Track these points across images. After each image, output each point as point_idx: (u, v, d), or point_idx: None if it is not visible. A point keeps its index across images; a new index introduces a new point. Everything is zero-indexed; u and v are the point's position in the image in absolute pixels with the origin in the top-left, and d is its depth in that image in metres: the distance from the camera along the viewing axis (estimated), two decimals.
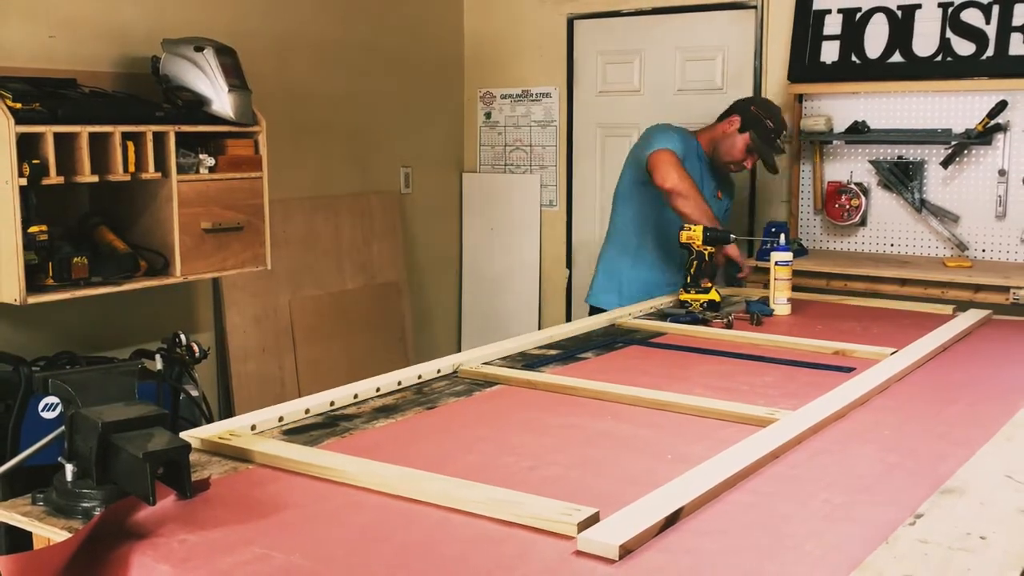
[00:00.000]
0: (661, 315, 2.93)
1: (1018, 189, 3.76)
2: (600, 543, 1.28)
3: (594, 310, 3.45)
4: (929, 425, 1.90)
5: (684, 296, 3.00)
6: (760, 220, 4.32)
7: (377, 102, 4.54)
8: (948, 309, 3.03)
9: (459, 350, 4.77)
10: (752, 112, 3.44)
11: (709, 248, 3.04)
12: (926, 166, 3.93)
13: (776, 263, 2.96)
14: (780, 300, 2.96)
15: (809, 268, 3.72)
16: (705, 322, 2.80)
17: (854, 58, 4.00)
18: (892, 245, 4.04)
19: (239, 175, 3.36)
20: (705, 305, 2.93)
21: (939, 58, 3.84)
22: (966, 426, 1.88)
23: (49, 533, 1.41)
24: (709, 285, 3.01)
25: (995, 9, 3.74)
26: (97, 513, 1.38)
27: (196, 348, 3.06)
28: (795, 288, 3.47)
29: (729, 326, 2.72)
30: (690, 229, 3.06)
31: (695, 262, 3.02)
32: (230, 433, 1.74)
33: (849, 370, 2.27)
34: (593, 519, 1.36)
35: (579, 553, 1.29)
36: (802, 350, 2.51)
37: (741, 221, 4.37)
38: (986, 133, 3.73)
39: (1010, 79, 3.70)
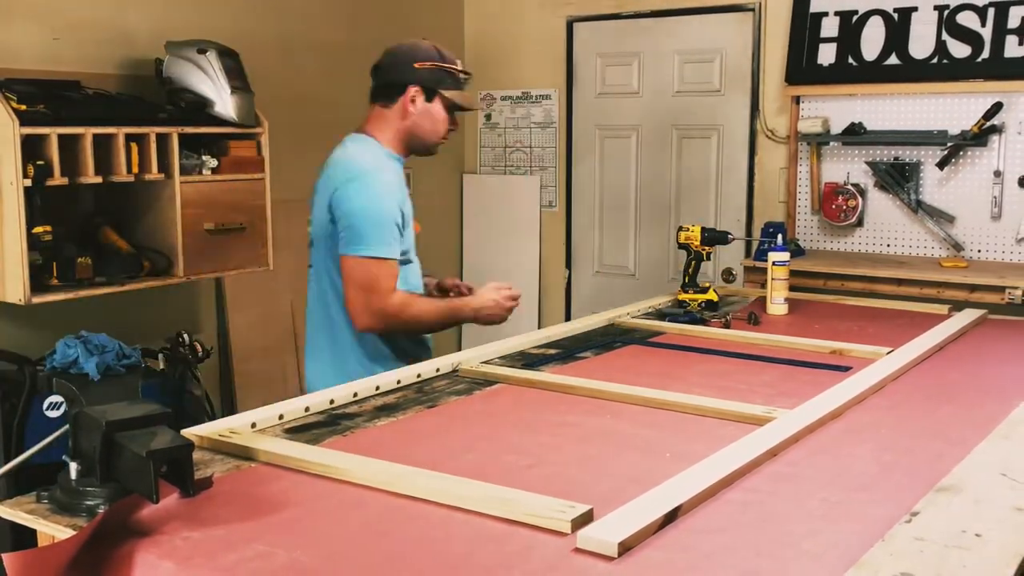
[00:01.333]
0: (660, 315, 2.94)
1: (1013, 190, 3.78)
2: (599, 540, 1.28)
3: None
4: (925, 424, 1.89)
5: (682, 296, 3.00)
6: (758, 221, 4.35)
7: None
8: (944, 309, 3.02)
9: (459, 349, 4.79)
10: (425, 69, 2.55)
11: (708, 248, 3.03)
12: (922, 167, 3.95)
13: (773, 263, 2.93)
14: (777, 300, 2.93)
15: (806, 268, 3.75)
16: (703, 322, 2.82)
17: (851, 60, 4.02)
18: (888, 245, 4.06)
19: (241, 176, 3.39)
20: (703, 305, 2.95)
21: (935, 60, 3.86)
22: (962, 425, 1.88)
23: (53, 531, 1.40)
24: (707, 285, 3.01)
25: (991, 12, 3.76)
26: (101, 511, 1.38)
27: (199, 347, 3.09)
28: (793, 288, 3.49)
29: (727, 326, 2.74)
30: (688, 229, 3.06)
31: (693, 262, 3.03)
32: (230, 431, 1.73)
33: (846, 369, 2.27)
34: (587, 516, 1.36)
35: (578, 550, 1.29)
36: (799, 349, 2.51)
37: (739, 222, 4.40)
38: (982, 134, 3.75)
39: (1005, 81, 3.72)
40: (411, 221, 2.58)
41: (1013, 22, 3.72)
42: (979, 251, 3.88)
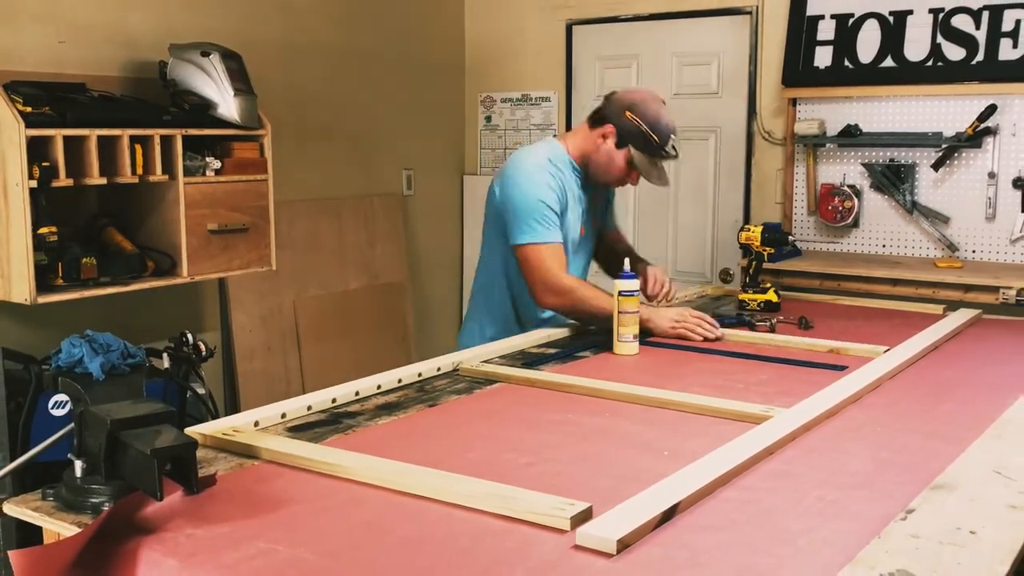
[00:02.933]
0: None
1: (1007, 191, 3.80)
2: (598, 538, 1.29)
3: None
4: (920, 422, 1.90)
5: (743, 296, 3.00)
6: (754, 222, 4.34)
7: (380, 106, 4.58)
8: (939, 309, 3.04)
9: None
10: (628, 121, 2.63)
11: (768, 248, 3.02)
12: (917, 169, 3.97)
13: (620, 293, 2.47)
14: (625, 337, 2.45)
15: (803, 268, 3.77)
16: (751, 326, 2.74)
17: (847, 63, 4.04)
18: (884, 246, 4.08)
19: (245, 177, 3.40)
20: (762, 305, 2.95)
21: (930, 63, 3.88)
22: (956, 423, 1.89)
23: (59, 528, 1.41)
24: (768, 285, 3.00)
25: (985, 15, 3.78)
26: (106, 508, 1.38)
27: (203, 347, 3.08)
28: (789, 288, 3.52)
29: (772, 330, 2.69)
30: (748, 229, 3.06)
31: (754, 263, 3.03)
32: (233, 429, 1.74)
33: (842, 368, 2.27)
34: (586, 514, 1.37)
35: (577, 548, 1.29)
36: (797, 349, 2.52)
37: (736, 222, 4.42)
38: (976, 136, 3.77)
39: (1000, 83, 3.74)
40: (574, 223, 2.75)
41: (1007, 25, 3.74)
42: (974, 251, 3.89)
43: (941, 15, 3.87)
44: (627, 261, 2.62)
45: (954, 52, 3.84)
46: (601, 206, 2.93)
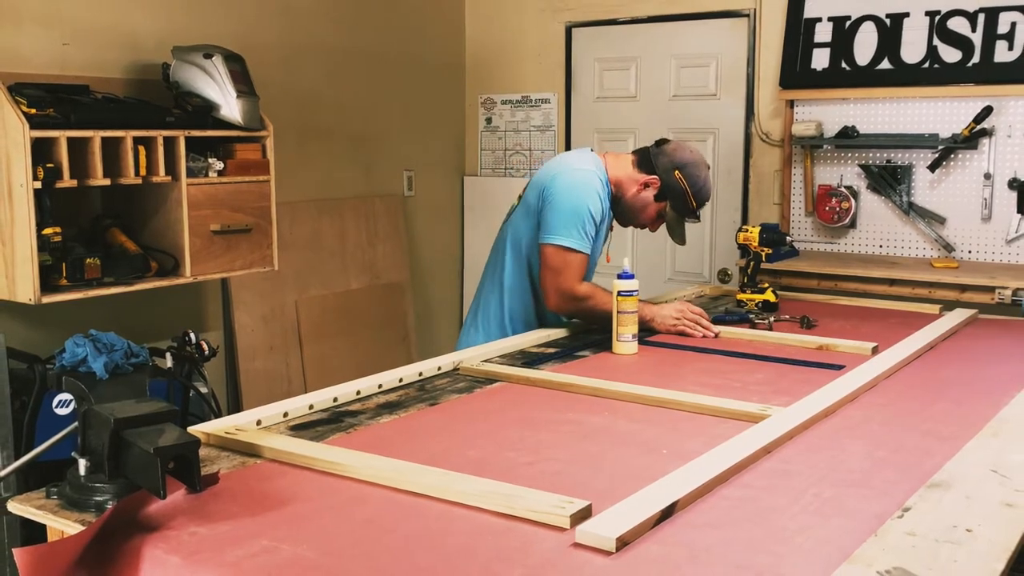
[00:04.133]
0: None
1: (1003, 192, 3.81)
2: (597, 535, 1.30)
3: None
4: (917, 421, 1.92)
5: (741, 296, 3.02)
6: (752, 222, 4.35)
7: (381, 108, 4.59)
8: (935, 308, 3.05)
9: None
10: (676, 180, 2.69)
11: (766, 249, 3.04)
12: (914, 170, 3.98)
13: (619, 294, 2.50)
14: (624, 337, 2.49)
15: (800, 268, 3.78)
16: (752, 323, 2.80)
17: (844, 65, 4.05)
18: (881, 246, 4.09)
19: (247, 178, 3.40)
20: (760, 305, 2.97)
21: (926, 65, 3.89)
22: (952, 422, 1.90)
23: (63, 526, 1.42)
24: (766, 285, 3.02)
25: (981, 17, 3.79)
26: (109, 506, 1.39)
27: (205, 346, 3.10)
28: (787, 288, 3.54)
29: (770, 328, 2.74)
30: (746, 230, 3.08)
31: (752, 263, 3.04)
32: (236, 428, 1.75)
33: (839, 368, 2.29)
34: (586, 512, 1.38)
35: (577, 545, 1.30)
36: (788, 345, 2.55)
37: (735, 223, 4.44)
38: (972, 138, 3.78)
39: (995, 85, 3.75)
40: (600, 245, 2.77)
41: (1003, 28, 3.75)
42: (970, 252, 3.91)
43: (937, 18, 3.88)
44: (626, 260, 2.65)
45: (950, 54, 3.86)
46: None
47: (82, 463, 1.47)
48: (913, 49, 3.92)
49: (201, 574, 1.26)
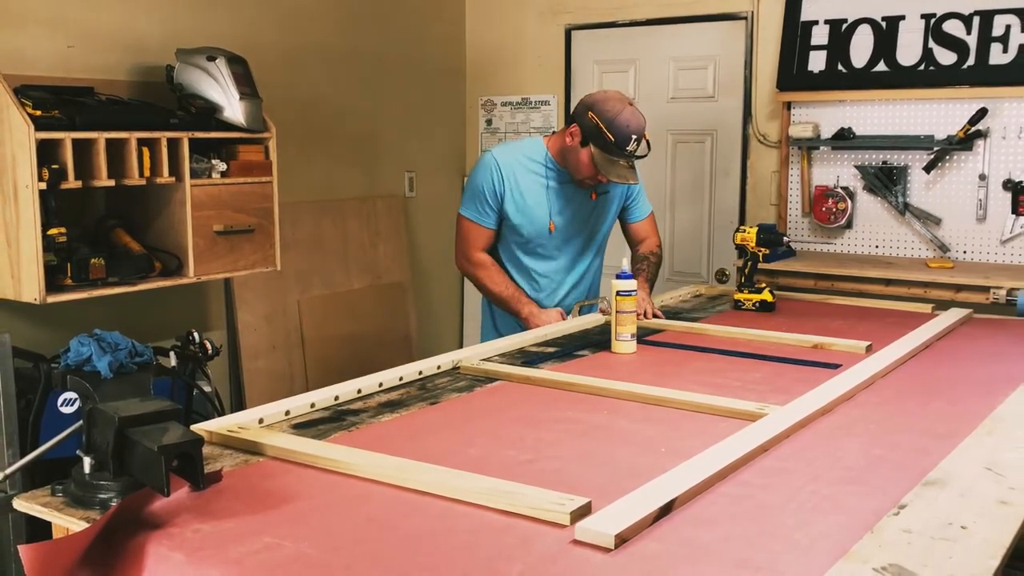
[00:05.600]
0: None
1: (998, 193, 3.83)
2: (596, 532, 1.31)
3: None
4: (912, 419, 1.93)
5: (738, 296, 3.04)
6: (750, 223, 4.38)
7: (382, 109, 4.61)
8: (929, 308, 3.07)
9: (461, 347, 4.84)
10: (589, 120, 2.72)
11: (764, 249, 3.06)
12: (909, 171, 4.00)
13: (618, 293, 2.52)
14: (623, 336, 2.51)
15: (797, 269, 3.80)
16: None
17: (840, 67, 4.07)
18: (877, 247, 4.11)
19: (250, 179, 3.41)
20: (757, 305, 3.00)
21: (922, 67, 3.91)
22: (948, 420, 1.91)
23: (68, 523, 1.42)
24: (763, 285, 3.04)
25: (976, 20, 3.81)
26: (114, 504, 1.40)
27: (209, 346, 3.10)
28: (784, 288, 3.56)
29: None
30: (744, 230, 3.10)
31: (749, 263, 3.07)
32: (239, 426, 1.76)
33: (836, 367, 2.30)
34: (585, 509, 1.39)
35: (576, 542, 1.31)
36: (783, 344, 2.56)
37: (732, 223, 4.46)
38: (967, 139, 3.80)
39: (990, 87, 3.77)
40: (539, 216, 2.90)
41: (997, 30, 3.77)
42: (965, 252, 3.92)
43: (933, 20, 3.90)
44: (625, 260, 2.68)
45: (945, 57, 3.87)
46: (609, 201, 3.01)
47: (87, 461, 1.47)
48: (909, 51, 3.94)
49: (204, 571, 1.26)
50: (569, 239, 2.95)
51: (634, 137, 2.71)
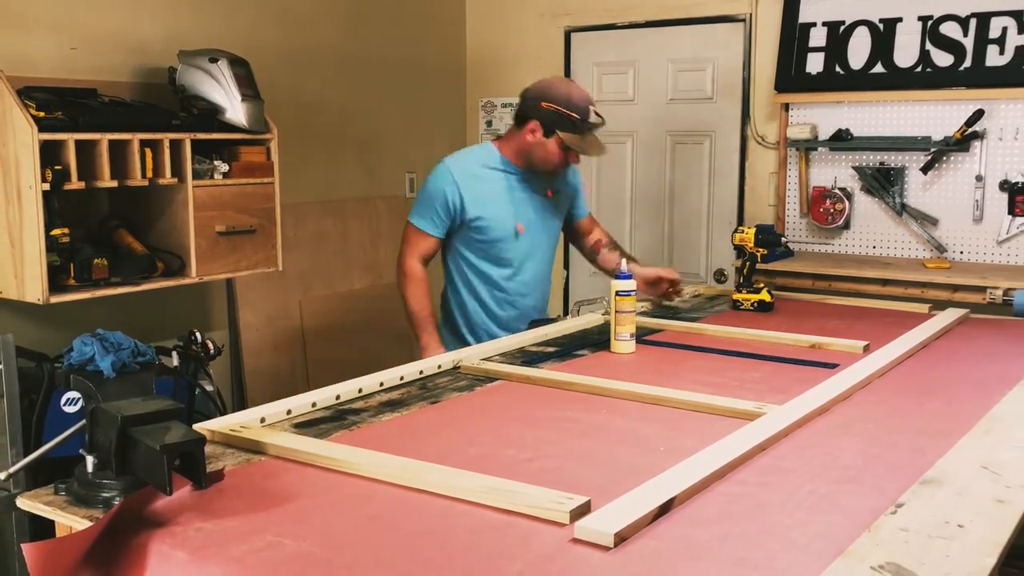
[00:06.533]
0: (653, 312, 3.03)
1: (994, 193, 3.84)
2: (595, 531, 1.31)
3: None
4: (910, 419, 1.94)
5: (736, 296, 3.05)
6: (748, 223, 4.41)
7: (383, 111, 4.62)
8: (926, 308, 3.08)
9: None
10: (548, 110, 2.78)
11: (762, 250, 3.08)
12: (907, 172, 4.01)
13: (617, 293, 2.53)
14: (622, 336, 2.52)
15: (795, 269, 3.81)
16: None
17: (838, 69, 4.08)
18: (874, 247, 4.12)
19: (252, 180, 3.42)
20: (755, 305, 3.01)
21: (919, 69, 3.92)
22: (945, 420, 1.92)
23: (71, 521, 1.43)
24: (761, 286, 3.05)
25: (972, 22, 3.83)
26: (116, 503, 1.40)
27: (211, 345, 3.11)
28: (782, 288, 3.58)
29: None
30: (742, 231, 3.11)
31: (747, 264, 3.08)
32: (241, 426, 1.77)
33: (833, 366, 2.31)
34: (585, 507, 1.39)
35: (576, 541, 1.32)
36: (782, 344, 2.57)
37: (731, 224, 4.48)
38: (964, 140, 3.81)
39: (987, 89, 3.78)
40: (504, 220, 2.89)
41: (994, 32, 3.79)
42: (961, 252, 3.93)
43: (930, 23, 3.91)
44: (624, 261, 2.70)
45: (942, 58, 3.89)
46: (562, 200, 3.07)
47: (90, 460, 1.47)
48: (906, 53, 3.95)
49: (207, 569, 1.27)
50: (534, 241, 2.96)
51: (592, 108, 2.81)
